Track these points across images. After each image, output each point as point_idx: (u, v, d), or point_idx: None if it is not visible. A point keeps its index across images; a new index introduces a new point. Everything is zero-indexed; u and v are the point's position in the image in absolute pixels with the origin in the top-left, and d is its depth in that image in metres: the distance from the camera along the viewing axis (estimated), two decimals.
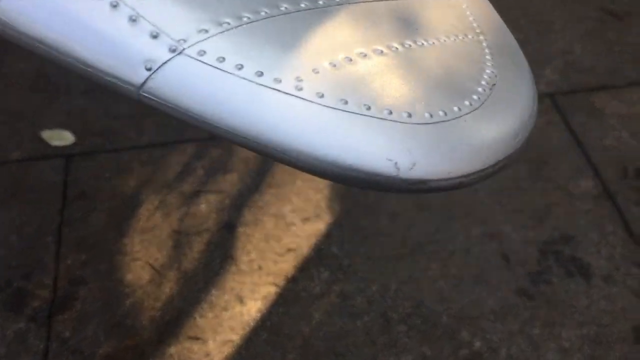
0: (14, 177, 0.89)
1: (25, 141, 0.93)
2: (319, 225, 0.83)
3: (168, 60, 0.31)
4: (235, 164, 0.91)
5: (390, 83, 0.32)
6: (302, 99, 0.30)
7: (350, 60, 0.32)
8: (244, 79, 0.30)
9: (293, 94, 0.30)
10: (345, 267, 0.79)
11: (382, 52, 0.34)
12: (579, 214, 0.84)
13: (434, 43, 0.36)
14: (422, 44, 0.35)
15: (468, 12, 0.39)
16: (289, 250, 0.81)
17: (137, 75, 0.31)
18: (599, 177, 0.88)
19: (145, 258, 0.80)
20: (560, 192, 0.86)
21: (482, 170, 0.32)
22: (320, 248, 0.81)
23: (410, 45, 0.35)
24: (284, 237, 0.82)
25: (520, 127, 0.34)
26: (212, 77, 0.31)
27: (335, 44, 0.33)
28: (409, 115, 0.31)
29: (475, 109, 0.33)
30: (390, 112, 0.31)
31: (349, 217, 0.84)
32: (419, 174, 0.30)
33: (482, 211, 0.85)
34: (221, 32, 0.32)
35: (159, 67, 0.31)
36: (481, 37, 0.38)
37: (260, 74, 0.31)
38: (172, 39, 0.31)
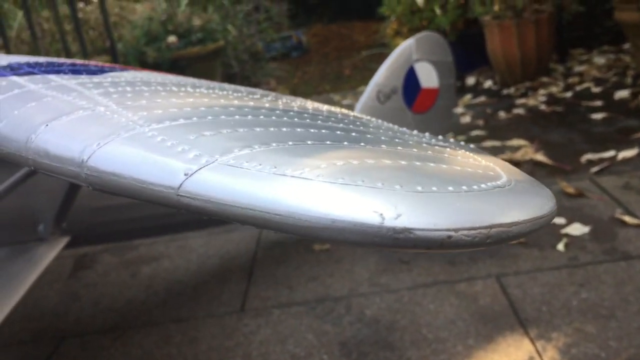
0: None
1: None
2: None
3: (201, 167, 0.37)
4: None
5: (390, 171, 0.36)
6: (305, 178, 0.35)
7: (350, 163, 0.37)
8: (262, 171, 0.36)
9: (299, 176, 0.35)
10: None
11: (384, 162, 0.38)
12: None
13: (449, 165, 0.40)
14: (437, 164, 0.40)
15: (498, 168, 0.43)
16: None
17: (176, 180, 0.37)
18: None
19: None
20: None
21: (472, 229, 0.32)
22: None
23: (419, 163, 0.39)
24: None
25: (521, 213, 0.35)
26: (238, 172, 0.37)
27: (351, 155, 0.39)
28: (401, 187, 0.34)
29: (470, 192, 0.35)
30: (383, 184, 0.34)
31: None
32: (403, 223, 0.32)
33: None
34: (250, 151, 0.39)
35: (195, 172, 0.37)
36: (504, 176, 0.40)
37: (274, 167, 0.36)
38: (209, 155, 0.38)
